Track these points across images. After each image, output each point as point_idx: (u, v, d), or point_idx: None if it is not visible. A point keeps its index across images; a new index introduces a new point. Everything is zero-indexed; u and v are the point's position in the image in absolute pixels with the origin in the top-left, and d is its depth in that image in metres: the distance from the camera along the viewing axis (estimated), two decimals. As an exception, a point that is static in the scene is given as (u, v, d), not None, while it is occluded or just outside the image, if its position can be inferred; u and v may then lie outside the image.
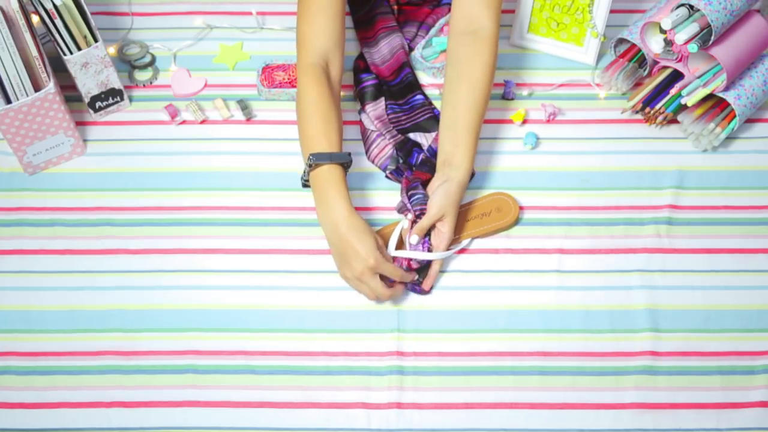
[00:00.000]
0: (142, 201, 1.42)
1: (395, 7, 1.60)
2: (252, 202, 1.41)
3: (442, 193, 1.32)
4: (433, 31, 1.56)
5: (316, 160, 1.28)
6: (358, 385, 1.27)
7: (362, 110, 1.48)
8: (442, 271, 1.35)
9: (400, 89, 1.50)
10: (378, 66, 1.53)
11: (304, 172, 1.31)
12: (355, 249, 1.24)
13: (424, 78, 1.55)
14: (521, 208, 1.40)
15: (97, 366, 1.28)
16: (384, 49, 1.54)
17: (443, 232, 1.33)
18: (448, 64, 1.40)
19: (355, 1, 1.59)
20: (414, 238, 1.32)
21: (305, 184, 1.33)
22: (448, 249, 1.34)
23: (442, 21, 1.56)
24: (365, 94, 1.48)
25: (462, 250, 1.37)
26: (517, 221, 1.39)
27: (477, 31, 1.38)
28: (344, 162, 1.30)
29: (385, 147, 1.44)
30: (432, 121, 1.45)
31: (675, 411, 1.25)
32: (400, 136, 1.44)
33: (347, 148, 1.45)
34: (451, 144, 1.34)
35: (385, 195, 1.42)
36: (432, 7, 1.60)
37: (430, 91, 1.53)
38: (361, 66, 1.53)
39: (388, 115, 1.47)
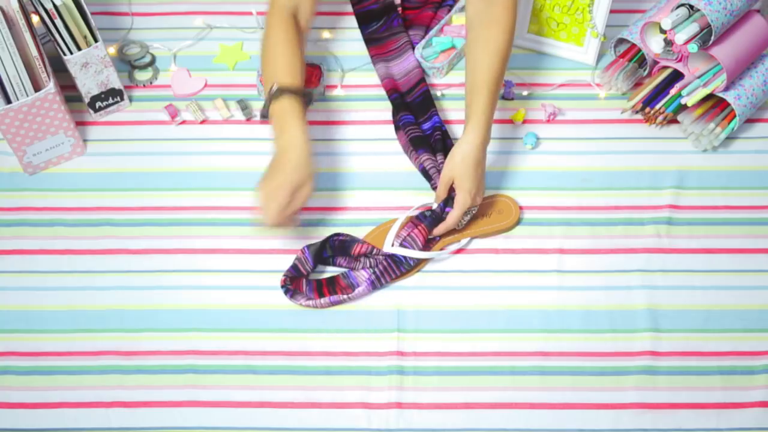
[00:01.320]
0: (142, 201, 1.42)
1: (400, 10, 1.59)
2: (252, 202, 1.41)
3: (451, 154, 1.32)
4: (433, 31, 1.56)
5: (281, 93, 1.31)
6: (358, 385, 1.27)
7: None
8: (442, 271, 1.35)
9: (419, 105, 1.50)
10: (395, 79, 1.52)
11: (266, 103, 1.33)
12: (290, 159, 1.27)
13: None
14: (521, 208, 1.40)
15: (97, 366, 1.28)
16: (402, 65, 1.54)
17: (458, 197, 1.32)
18: (467, 32, 1.39)
19: (365, 18, 1.58)
20: (433, 206, 1.34)
21: (264, 116, 1.35)
22: (457, 230, 1.35)
23: (442, 21, 1.56)
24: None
25: (460, 250, 1.37)
26: (517, 223, 1.39)
27: None
28: (306, 97, 1.33)
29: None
30: (439, 143, 1.44)
31: (675, 411, 1.25)
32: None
33: (342, 147, 1.45)
34: (468, 106, 1.34)
35: (378, 194, 1.42)
36: (434, 10, 1.60)
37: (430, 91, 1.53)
38: (387, 89, 1.52)
39: (406, 132, 1.46)
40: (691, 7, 1.40)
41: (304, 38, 1.41)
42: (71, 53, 1.40)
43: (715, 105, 1.47)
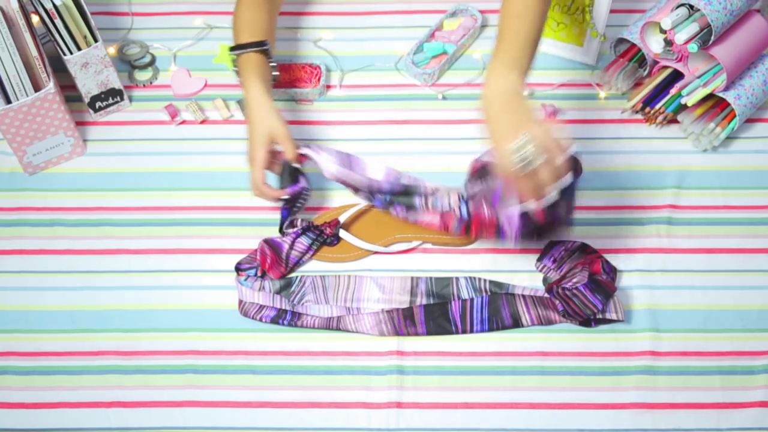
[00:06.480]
0: (142, 201, 1.42)
1: None
2: (251, 202, 1.41)
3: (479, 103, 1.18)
4: (423, 36, 1.56)
5: (234, 52, 1.36)
6: (358, 384, 1.27)
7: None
8: (441, 271, 1.35)
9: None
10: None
11: (235, 56, 1.37)
12: (250, 134, 1.31)
13: (415, 83, 1.54)
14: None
15: (97, 366, 1.28)
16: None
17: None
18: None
19: None
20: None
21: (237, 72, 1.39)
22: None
23: (432, 26, 1.57)
24: None
25: (459, 251, 1.37)
26: (474, 241, 1.37)
27: None
28: (262, 49, 1.36)
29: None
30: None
31: (675, 411, 1.25)
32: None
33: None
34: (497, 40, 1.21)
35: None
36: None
37: (425, 91, 1.53)
38: None
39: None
40: (691, 6, 1.40)
41: (277, 11, 1.45)
42: (71, 53, 1.40)
43: (715, 105, 1.47)
